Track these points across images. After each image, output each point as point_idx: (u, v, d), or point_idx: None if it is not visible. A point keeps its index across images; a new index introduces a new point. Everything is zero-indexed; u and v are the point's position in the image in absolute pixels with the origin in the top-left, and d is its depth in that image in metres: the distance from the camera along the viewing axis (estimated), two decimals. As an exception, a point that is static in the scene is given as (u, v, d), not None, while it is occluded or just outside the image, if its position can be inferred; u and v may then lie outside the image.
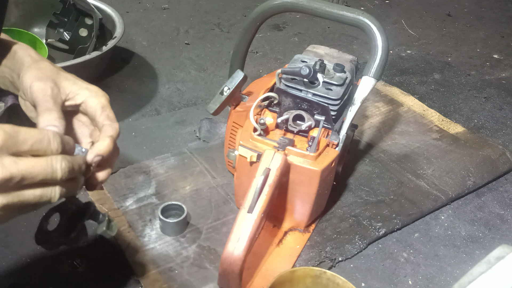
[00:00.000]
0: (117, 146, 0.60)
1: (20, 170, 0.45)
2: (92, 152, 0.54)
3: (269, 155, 0.74)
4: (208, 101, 0.85)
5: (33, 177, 0.46)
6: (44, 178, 0.47)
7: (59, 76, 0.58)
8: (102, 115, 0.58)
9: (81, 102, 0.59)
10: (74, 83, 0.59)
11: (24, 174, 0.45)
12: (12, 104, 0.90)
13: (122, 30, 1.21)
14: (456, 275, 0.83)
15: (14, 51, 0.61)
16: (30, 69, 0.58)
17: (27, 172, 0.46)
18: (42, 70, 0.58)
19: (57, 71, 0.59)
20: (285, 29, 1.66)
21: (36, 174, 0.46)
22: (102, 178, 0.57)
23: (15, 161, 0.45)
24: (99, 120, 0.58)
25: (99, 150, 0.54)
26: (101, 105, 0.58)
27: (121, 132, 0.59)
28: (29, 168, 0.46)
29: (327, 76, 0.82)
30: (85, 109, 0.59)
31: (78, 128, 0.62)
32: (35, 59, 0.60)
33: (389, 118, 1.20)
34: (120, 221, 0.85)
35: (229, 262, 0.69)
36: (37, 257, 0.78)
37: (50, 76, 0.57)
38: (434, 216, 0.95)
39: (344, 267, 0.83)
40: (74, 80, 0.59)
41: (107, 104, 0.59)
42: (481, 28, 1.80)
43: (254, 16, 0.94)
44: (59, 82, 0.58)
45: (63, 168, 0.48)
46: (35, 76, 0.57)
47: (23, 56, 0.60)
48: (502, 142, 1.17)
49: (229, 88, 0.82)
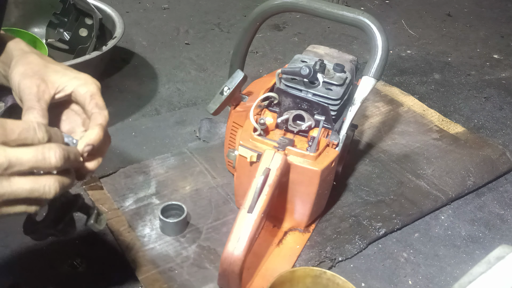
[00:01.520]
0: (108, 134, 0.59)
1: (8, 156, 0.45)
2: (82, 142, 0.54)
3: (269, 155, 0.74)
4: (208, 101, 0.85)
5: (21, 163, 0.46)
6: (34, 166, 0.47)
7: (47, 70, 0.58)
8: (91, 103, 0.57)
9: (71, 92, 0.58)
10: (63, 75, 0.58)
11: (12, 160, 0.45)
12: (12, 104, 0.90)
13: (122, 30, 1.21)
14: (456, 275, 0.83)
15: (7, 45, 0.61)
16: (18, 65, 0.57)
17: (15, 157, 0.45)
18: (30, 65, 0.57)
19: (45, 65, 0.58)
20: (285, 29, 1.66)
21: (26, 161, 0.46)
22: (92, 167, 0.56)
23: (4, 149, 0.45)
24: (88, 108, 0.57)
25: (89, 140, 0.54)
26: (90, 93, 0.58)
27: (121, 132, 0.59)
28: (17, 154, 0.46)
29: (327, 76, 0.82)
30: (76, 98, 0.59)
31: (72, 117, 0.62)
32: (25, 51, 0.59)
33: (389, 118, 1.20)
34: (120, 221, 0.85)
35: (229, 262, 0.69)
36: (37, 257, 0.78)
37: (37, 72, 0.57)
38: (434, 216, 0.95)
39: (344, 267, 0.83)
40: (63, 72, 0.59)
41: (96, 91, 0.58)
42: (481, 28, 1.80)
43: (254, 16, 0.94)
44: (48, 77, 0.57)
45: (57, 156, 0.48)
46: (22, 73, 0.56)
47: (13, 49, 0.60)
48: (502, 142, 1.17)
49: (229, 88, 0.82)
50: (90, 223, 0.59)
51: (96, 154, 0.56)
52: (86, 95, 0.58)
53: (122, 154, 1.00)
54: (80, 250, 0.80)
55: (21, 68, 0.57)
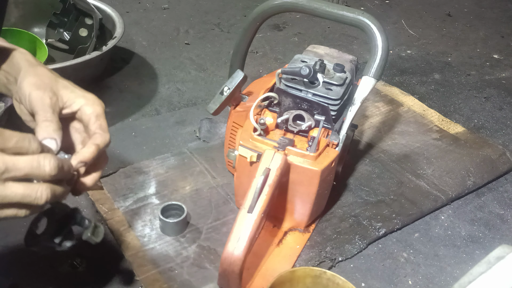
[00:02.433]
0: (106, 155, 0.61)
1: (6, 162, 0.47)
2: (75, 159, 0.55)
3: (269, 155, 0.74)
4: (208, 101, 0.85)
5: (17, 169, 0.48)
6: (29, 173, 0.49)
7: (57, 84, 0.59)
8: (95, 123, 0.59)
9: (77, 110, 0.59)
10: (72, 91, 0.59)
11: (9, 165, 0.47)
12: (12, 104, 0.90)
13: (122, 30, 1.21)
14: (456, 275, 0.83)
15: (12, 55, 0.61)
16: (29, 75, 0.58)
17: (11, 163, 0.48)
18: (41, 78, 0.58)
19: (55, 79, 0.59)
20: (285, 29, 1.66)
21: (21, 167, 0.48)
22: (89, 183, 0.58)
23: (1, 155, 0.47)
24: (91, 128, 0.59)
25: (82, 157, 0.55)
26: (95, 113, 0.59)
27: (121, 132, 0.60)
28: (13, 160, 0.48)
29: (327, 76, 0.82)
30: (80, 116, 0.60)
31: (73, 134, 0.63)
32: (33, 64, 0.60)
33: (389, 118, 1.20)
34: (120, 221, 0.85)
35: (229, 262, 0.69)
36: (37, 257, 0.78)
37: (48, 84, 0.58)
38: (434, 216, 0.95)
39: (344, 267, 0.83)
40: (71, 88, 0.60)
41: (101, 113, 0.60)
42: (481, 28, 1.80)
43: (254, 16, 0.94)
44: (57, 90, 0.58)
45: (51, 165, 0.50)
46: (34, 84, 0.57)
47: (20, 61, 0.60)
48: (502, 142, 1.17)
49: (229, 88, 0.82)
50: (87, 236, 0.60)
51: (91, 171, 0.58)
52: (91, 115, 0.59)
53: (122, 154, 1.00)
54: (80, 250, 0.80)
55: (31, 79, 0.58)
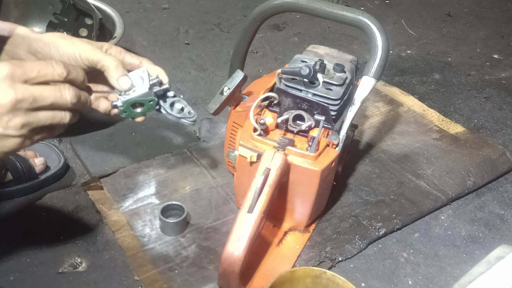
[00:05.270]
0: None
1: (32, 93, 0.53)
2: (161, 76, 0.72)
3: (269, 155, 0.74)
4: (208, 101, 0.85)
5: (44, 99, 0.54)
6: (54, 101, 0.54)
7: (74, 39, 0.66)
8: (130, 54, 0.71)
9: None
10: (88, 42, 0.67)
11: (36, 96, 0.53)
12: None
13: (122, 30, 1.21)
14: (456, 275, 0.84)
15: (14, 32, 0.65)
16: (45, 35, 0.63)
17: (38, 94, 0.53)
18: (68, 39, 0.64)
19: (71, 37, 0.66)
20: (285, 29, 1.66)
21: (47, 96, 0.54)
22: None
23: (26, 87, 0.53)
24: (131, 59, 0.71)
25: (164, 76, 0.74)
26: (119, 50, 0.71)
27: (121, 132, 0.60)
28: (39, 91, 0.53)
29: (327, 76, 0.82)
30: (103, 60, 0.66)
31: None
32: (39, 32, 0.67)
33: (389, 118, 1.20)
34: (120, 221, 0.85)
35: (229, 262, 0.69)
36: (37, 257, 0.78)
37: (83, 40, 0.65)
38: (434, 216, 0.95)
39: (344, 267, 0.83)
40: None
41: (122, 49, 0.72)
42: (481, 28, 1.80)
43: (254, 16, 0.94)
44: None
45: (71, 94, 0.56)
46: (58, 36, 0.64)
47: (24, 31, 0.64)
48: (502, 142, 1.17)
49: (229, 88, 0.82)
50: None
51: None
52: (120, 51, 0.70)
53: (122, 154, 1.00)
54: (80, 250, 0.80)
55: (63, 41, 0.64)
